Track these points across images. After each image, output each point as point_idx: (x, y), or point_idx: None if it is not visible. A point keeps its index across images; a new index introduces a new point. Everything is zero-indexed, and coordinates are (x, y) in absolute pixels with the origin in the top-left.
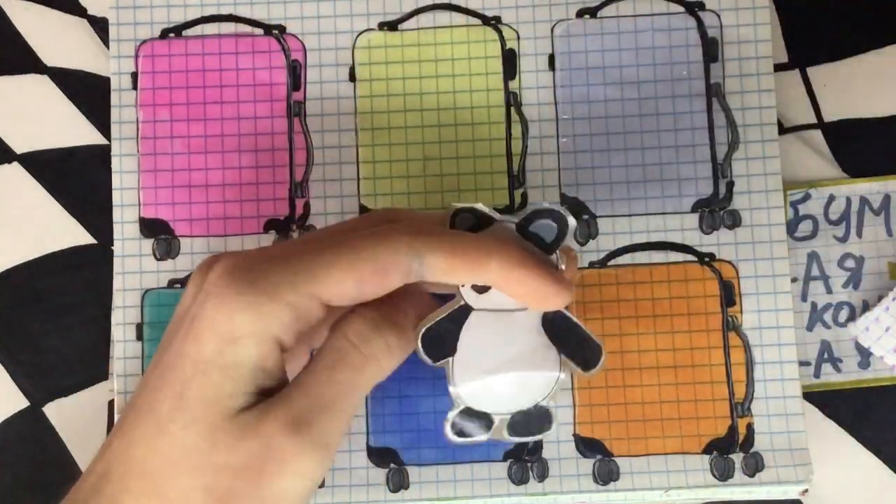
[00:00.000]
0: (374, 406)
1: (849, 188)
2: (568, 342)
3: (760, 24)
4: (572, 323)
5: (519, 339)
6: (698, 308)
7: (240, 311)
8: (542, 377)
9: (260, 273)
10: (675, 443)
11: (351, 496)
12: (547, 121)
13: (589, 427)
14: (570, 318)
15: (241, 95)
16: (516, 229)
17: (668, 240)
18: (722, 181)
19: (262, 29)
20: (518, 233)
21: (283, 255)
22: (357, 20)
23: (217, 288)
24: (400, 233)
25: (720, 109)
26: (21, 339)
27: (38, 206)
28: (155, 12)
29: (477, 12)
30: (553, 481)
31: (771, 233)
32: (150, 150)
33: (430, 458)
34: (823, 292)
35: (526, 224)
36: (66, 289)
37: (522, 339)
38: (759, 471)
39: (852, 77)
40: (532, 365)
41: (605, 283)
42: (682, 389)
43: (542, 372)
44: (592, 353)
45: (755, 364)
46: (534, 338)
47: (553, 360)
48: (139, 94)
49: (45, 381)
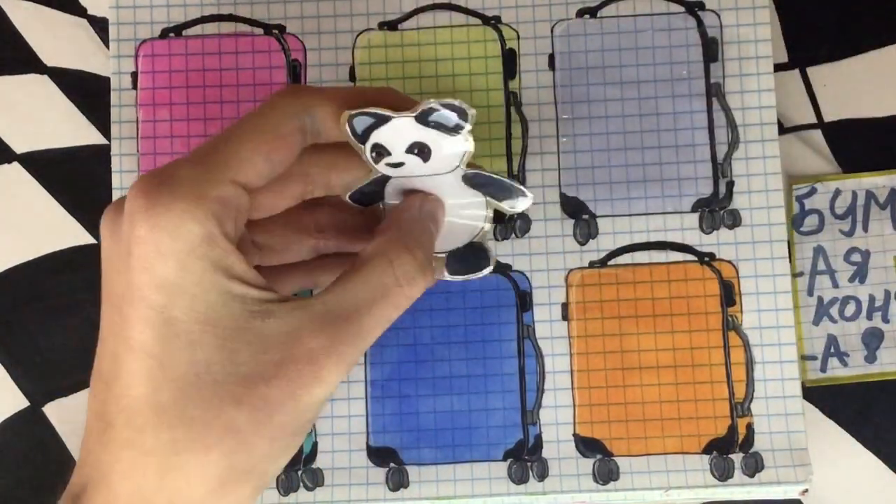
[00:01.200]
0: (374, 406)
1: (854, 182)
2: (491, 189)
3: (760, 24)
4: (492, 177)
5: (443, 192)
6: (698, 308)
7: (177, 224)
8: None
9: (176, 180)
10: (675, 443)
11: (350, 495)
12: (547, 121)
13: (589, 427)
14: (489, 174)
15: (241, 95)
16: (416, 121)
17: (668, 239)
18: (722, 181)
19: (261, 28)
20: (419, 123)
21: (190, 158)
22: (357, 20)
23: (142, 211)
24: (283, 96)
25: (720, 109)
26: (21, 339)
27: (38, 206)
28: (155, 12)
29: (477, 12)
30: (553, 481)
31: (771, 232)
32: (150, 150)
33: (430, 458)
34: (830, 286)
35: (425, 117)
36: (66, 289)
37: (447, 193)
38: (758, 471)
39: (852, 77)
40: (460, 210)
41: (605, 282)
42: (681, 389)
43: (471, 211)
44: (517, 194)
45: (755, 364)
46: (457, 191)
47: (479, 202)
48: (139, 93)
49: (45, 381)
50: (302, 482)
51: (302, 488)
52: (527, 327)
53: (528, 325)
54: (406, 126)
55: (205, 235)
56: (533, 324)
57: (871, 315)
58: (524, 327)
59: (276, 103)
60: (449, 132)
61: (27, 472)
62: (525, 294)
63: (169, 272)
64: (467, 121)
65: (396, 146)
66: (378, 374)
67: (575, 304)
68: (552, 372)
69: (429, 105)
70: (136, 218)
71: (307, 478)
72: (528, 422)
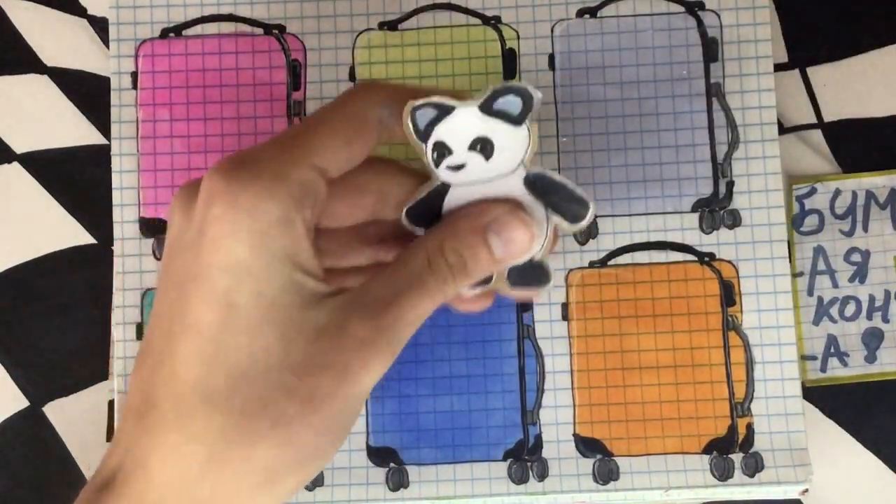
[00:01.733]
0: (373, 406)
1: (854, 182)
2: (553, 198)
3: (760, 24)
4: (553, 180)
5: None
6: (698, 308)
7: (255, 203)
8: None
9: (257, 160)
10: (675, 442)
11: (350, 495)
12: (547, 121)
13: (589, 427)
14: (549, 176)
15: (241, 95)
16: (479, 110)
17: (668, 239)
18: (722, 181)
19: (261, 28)
20: (483, 113)
21: (271, 141)
22: (357, 20)
23: (220, 190)
24: (361, 88)
25: (720, 109)
26: (21, 339)
27: (38, 206)
28: (155, 12)
29: (477, 12)
30: (553, 481)
31: (771, 232)
32: (149, 150)
33: (430, 458)
34: (830, 286)
35: (489, 103)
36: (66, 289)
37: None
38: (758, 471)
39: (852, 77)
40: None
41: (605, 282)
42: (681, 389)
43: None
44: (580, 206)
45: (755, 364)
46: (518, 198)
47: (540, 216)
48: (139, 93)
49: (45, 381)
50: None
51: (302, 488)
52: (527, 327)
53: (528, 325)
54: (469, 118)
55: (281, 217)
56: (533, 324)
57: (871, 315)
58: (524, 327)
59: (355, 94)
60: (513, 122)
61: (27, 472)
62: None
63: (240, 253)
64: (532, 106)
65: (458, 143)
66: None
67: (575, 304)
68: (552, 372)
69: (494, 89)
70: (213, 197)
71: None
72: (528, 422)
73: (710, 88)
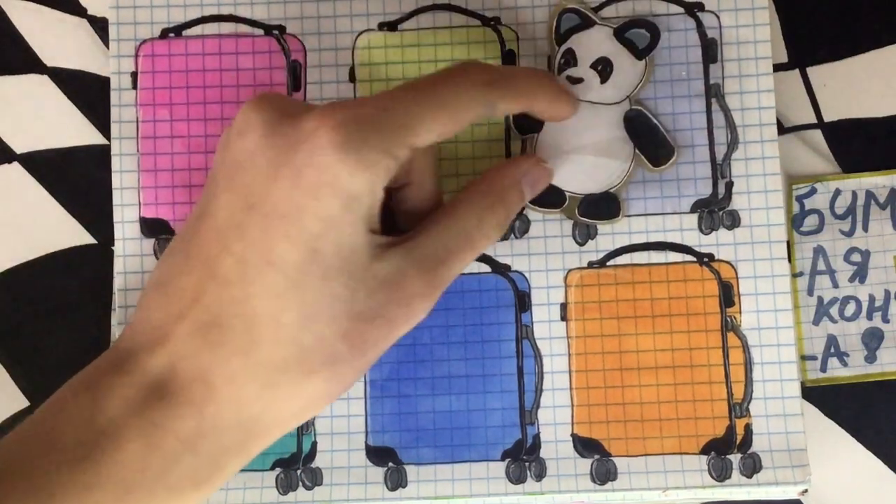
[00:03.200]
0: (372, 405)
1: (854, 182)
2: (644, 139)
3: (759, 25)
4: (651, 122)
5: (600, 129)
6: (697, 308)
7: (360, 170)
8: (614, 165)
9: (369, 129)
10: (673, 443)
11: (349, 494)
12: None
13: (587, 427)
14: (649, 118)
15: (242, 95)
16: (613, 34)
17: (667, 240)
18: (721, 181)
19: (262, 29)
20: (615, 37)
21: (381, 109)
22: (357, 20)
23: (334, 143)
24: (476, 83)
25: (719, 110)
26: (21, 339)
27: (38, 206)
28: (155, 12)
29: (476, 13)
30: (551, 481)
31: (770, 233)
32: (150, 150)
33: (428, 458)
34: (830, 286)
35: (622, 30)
36: (66, 289)
37: (603, 129)
38: (756, 471)
39: (852, 77)
40: (608, 153)
41: (604, 283)
42: (680, 390)
43: (615, 161)
44: (665, 151)
45: (754, 364)
46: (613, 130)
47: (627, 153)
48: (139, 93)
49: (45, 381)
50: (301, 481)
51: (301, 487)
52: (525, 328)
53: (526, 326)
54: (601, 37)
55: (374, 187)
56: (531, 324)
57: (871, 315)
58: (523, 327)
59: (467, 88)
60: (636, 54)
61: None
62: (524, 294)
63: (334, 208)
64: (657, 43)
65: (584, 57)
66: (377, 374)
67: (573, 304)
68: (550, 372)
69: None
70: (324, 147)
71: (306, 477)
72: (527, 422)
73: (710, 89)
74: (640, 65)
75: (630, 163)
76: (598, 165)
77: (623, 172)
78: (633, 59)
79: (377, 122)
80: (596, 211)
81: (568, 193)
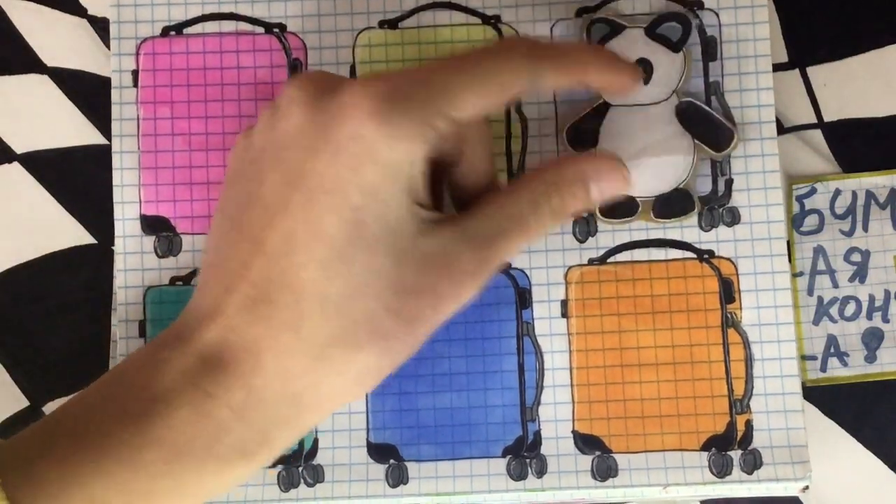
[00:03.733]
0: (374, 403)
1: (854, 182)
2: (700, 128)
3: (759, 23)
4: (704, 110)
5: (655, 129)
6: (697, 305)
7: (398, 140)
8: (678, 161)
9: (407, 100)
10: (674, 439)
11: (350, 491)
12: (547, 120)
13: (587, 423)
14: (700, 106)
15: (243, 94)
16: (645, 33)
17: (668, 237)
18: (721, 178)
19: (262, 27)
20: (647, 35)
21: (420, 80)
22: (357, 18)
23: (373, 115)
24: (521, 54)
25: (719, 108)
26: (21, 339)
27: (38, 206)
28: (156, 10)
29: (477, 11)
30: (551, 477)
31: (770, 230)
32: (150, 148)
33: (430, 455)
34: (830, 286)
35: (653, 27)
36: (66, 289)
37: (658, 128)
38: (757, 468)
39: (852, 77)
40: (668, 150)
41: (605, 280)
42: (680, 386)
43: (677, 156)
44: (724, 135)
45: (754, 361)
46: (668, 127)
47: (687, 146)
48: (140, 91)
49: (45, 381)
50: (302, 478)
51: (302, 484)
52: (526, 324)
53: (527, 323)
54: (634, 39)
55: (415, 157)
56: (532, 321)
57: (871, 315)
58: (523, 324)
59: (512, 58)
60: (671, 48)
61: None
62: (524, 291)
63: (375, 179)
64: (690, 33)
65: None
66: None
67: (574, 301)
68: (551, 369)
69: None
70: (362, 119)
71: (307, 474)
72: (527, 418)
73: (709, 87)
74: (679, 57)
75: (693, 155)
76: (662, 164)
77: (689, 165)
78: (671, 53)
79: (415, 93)
80: (670, 209)
81: (639, 199)
